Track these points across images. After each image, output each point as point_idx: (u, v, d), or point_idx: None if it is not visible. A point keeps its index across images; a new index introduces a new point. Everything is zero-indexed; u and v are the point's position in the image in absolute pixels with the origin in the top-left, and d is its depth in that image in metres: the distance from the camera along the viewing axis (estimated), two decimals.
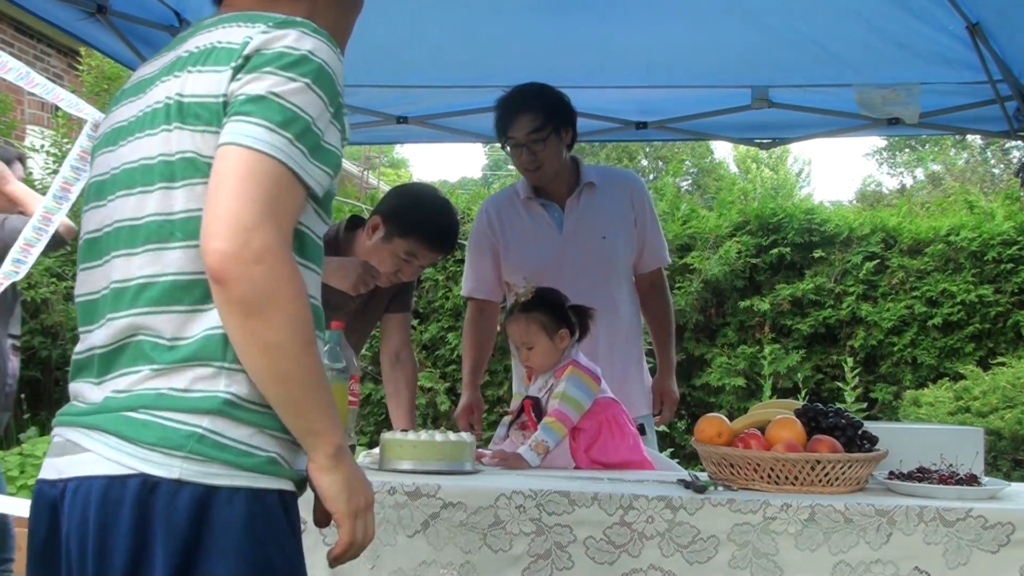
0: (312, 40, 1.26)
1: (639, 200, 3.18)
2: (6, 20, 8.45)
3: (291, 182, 1.21)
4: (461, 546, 2.00)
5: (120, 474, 1.19)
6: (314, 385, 1.22)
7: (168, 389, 1.22)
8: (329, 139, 1.27)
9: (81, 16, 2.86)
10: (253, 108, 1.20)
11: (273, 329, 1.17)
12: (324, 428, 1.24)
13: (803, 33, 3.17)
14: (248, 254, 1.14)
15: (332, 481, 1.26)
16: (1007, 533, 1.91)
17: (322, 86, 1.25)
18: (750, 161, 22.53)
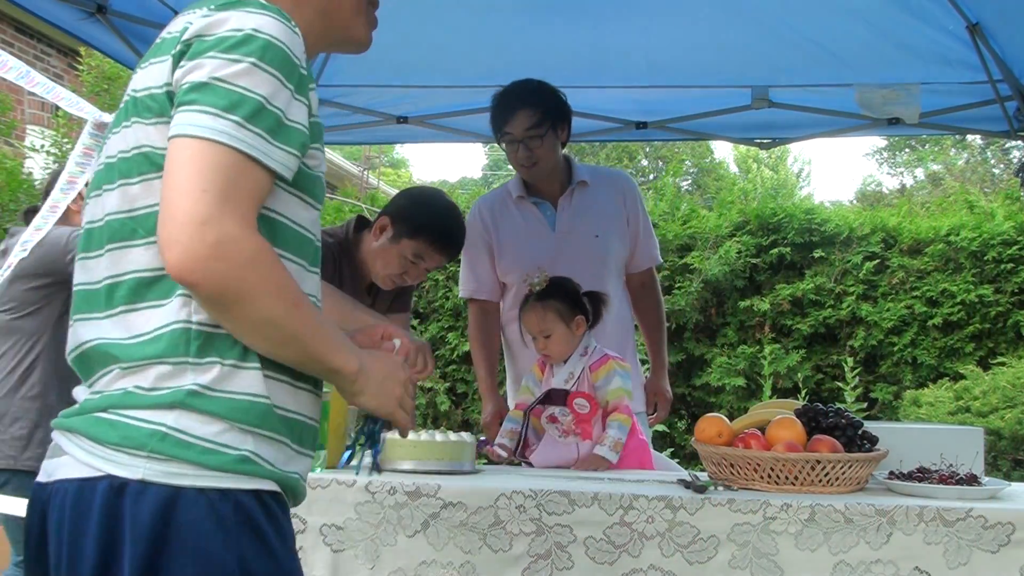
0: (257, 17, 1.20)
1: (631, 199, 3.18)
2: (6, 20, 8.45)
3: (245, 167, 1.15)
4: (461, 546, 2.00)
5: (90, 476, 1.17)
6: (316, 333, 1.22)
7: (134, 387, 1.19)
8: (293, 116, 1.22)
9: (81, 16, 2.87)
10: (196, 96, 1.16)
11: (256, 310, 1.15)
12: (338, 363, 1.25)
13: (803, 33, 3.18)
14: (204, 251, 1.10)
15: (365, 400, 1.31)
16: (1007, 533, 1.91)
17: (273, 62, 1.19)
18: (750, 161, 22.53)
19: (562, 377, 2.63)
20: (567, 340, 2.63)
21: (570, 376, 2.62)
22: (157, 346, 1.19)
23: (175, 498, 1.15)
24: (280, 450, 1.25)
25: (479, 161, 39.90)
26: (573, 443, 2.59)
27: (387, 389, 1.34)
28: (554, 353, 2.64)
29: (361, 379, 1.29)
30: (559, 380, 2.63)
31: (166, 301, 1.20)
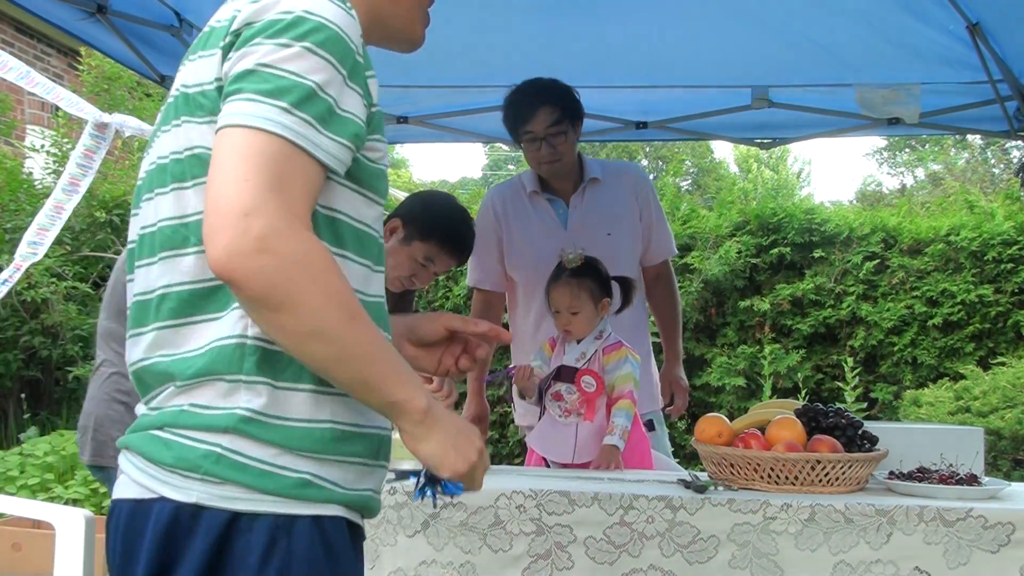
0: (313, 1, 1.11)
1: (643, 192, 3.17)
2: (6, 20, 8.46)
3: (293, 155, 1.05)
4: (461, 546, 2.00)
5: (144, 498, 1.12)
6: (373, 355, 1.08)
7: (189, 405, 1.12)
8: (346, 105, 1.11)
9: (81, 16, 2.86)
10: (241, 84, 1.07)
11: (304, 317, 1.02)
12: (401, 396, 1.10)
13: (803, 33, 3.17)
14: (249, 244, 0.99)
15: (430, 450, 1.14)
16: (1007, 533, 1.91)
17: (325, 46, 1.09)
18: (751, 161, 22.52)
19: (573, 356, 2.65)
20: (591, 320, 2.66)
21: (581, 356, 2.64)
22: (211, 362, 1.11)
23: (229, 523, 1.09)
24: (349, 470, 1.17)
25: (479, 161, 39.89)
26: (573, 424, 2.60)
27: (460, 446, 1.16)
28: (576, 331, 2.66)
29: (429, 421, 1.13)
30: (570, 358, 2.65)
31: (222, 314, 1.12)
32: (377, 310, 1.22)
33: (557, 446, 2.60)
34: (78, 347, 6.65)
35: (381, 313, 1.24)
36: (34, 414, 6.64)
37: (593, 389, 2.58)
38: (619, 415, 2.56)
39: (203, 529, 1.08)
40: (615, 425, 2.55)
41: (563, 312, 2.65)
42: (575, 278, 2.65)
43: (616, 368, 2.62)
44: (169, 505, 1.09)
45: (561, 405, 2.63)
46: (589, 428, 2.57)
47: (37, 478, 5.15)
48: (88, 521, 2.61)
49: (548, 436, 2.64)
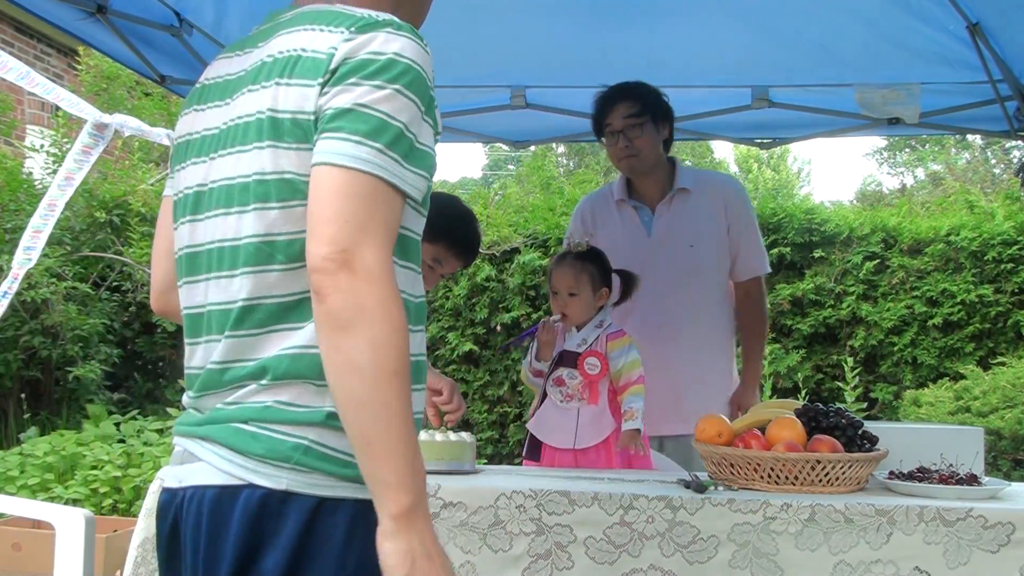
0: (398, 40, 1.22)
1: (734, 207, 3.11)
2: (6, 20, 8.46)
3: (386, 193, 1.17)
4: (461, 546, 2.00)
5: (231, 484, 1.21)
6: (394, 423, 1.13)
7: (274, 402, 1.22)
8: (423, 139, 1.23)
9: (81, 16, 2.86)
10: (341, 123, 1.18)
11: (357, 349, 1.12)
12: (393, 480, 1.12)
13: (803, 33, 3.17)
14: (345, 271, 1.12)
15: (393, 550, 1.13)
16: (1007, 533, 1.91)
17: (412, 87, 1.21)
18: (751, 161, 22.53)
19: (574, 342, 2.68)
20: (588, 306, 2.69)
21: (583, 342, 2.67)
22: (296, 366, 1.22)
23: (315, 508, 1.19)
24: None
25: (479, 161, 39.88)
26: (575, 409, 2.63)
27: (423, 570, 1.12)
28: (572, 314, 2.68)
29: (404, 521, 1.12)
30: (571, 344, 2.68)
31: (304, 324, 1.22)
32: (421, 310, 1.33)
33: (558, 432, 2.63)
34: (78, 347, 6.65)
35: (423, 313, 1.34)
36: (34, 414, 6.63)
37: (597, 371, 2.61)
38: (634, 399, 2.60)
39: (293, 513, 1.19)
40: (634, 410, 2.58)
41: (562, 293, 2.68)
42: (579, 261, 2.70)
43: (621, 355, 2.64)
44: (259, 492, 1.19)
45: (562, 390, 2.66)
46: (590, 413, 2.60)
47: (37, 478, 5.15)
48: (88, 521, 2.61)
49: (549, 422, 2.66)
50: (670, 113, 3.06)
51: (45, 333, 6.64)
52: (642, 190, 3.13)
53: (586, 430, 2.60)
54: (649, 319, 2.99)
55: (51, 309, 6.54)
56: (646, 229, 3.09)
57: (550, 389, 2.68)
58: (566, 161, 22.81)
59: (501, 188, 15.29)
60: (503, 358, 6.87)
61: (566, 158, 22.96)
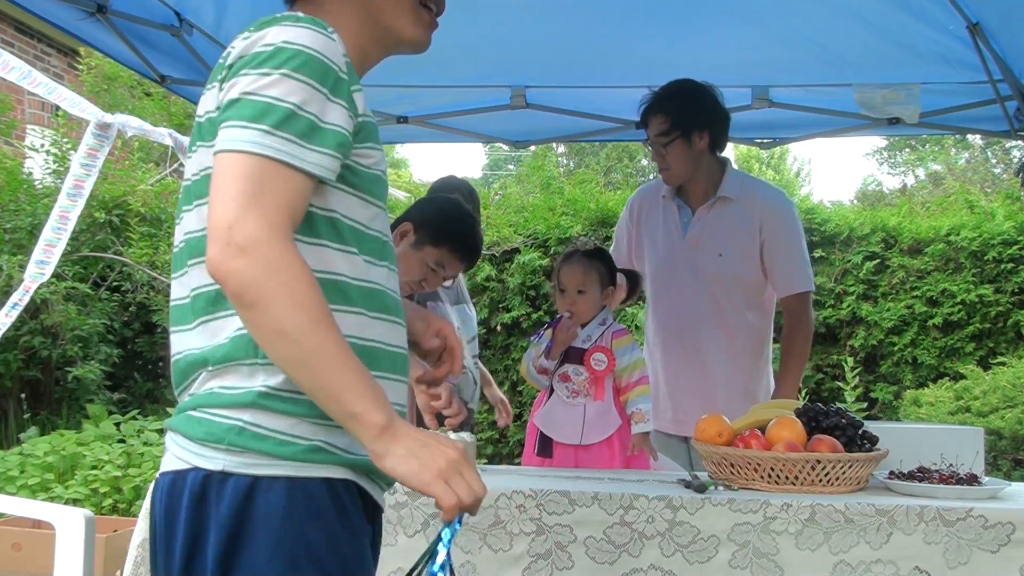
0: (289, 30, 1.26)
1: (771, 224, 3.02)
2: (6, 20, 8.46)
3: (275, 171, 1.20)
4: (461, 546, 2.00)
5: (181, 469, 1.27)
6: (335, 364, 1.18)
7: (218, 387, 1.27)
8: (330, 119, 1.25)
9: (81, 16, 2.86)
10: (229, 113, 1.23)
11: (272, 317, 1.16)
12: (360, 408, 1.18)
13: (803, 33, 3.17)
14: (231, 250, 1.15)
15: (393, 464, 1.19)
16: (1007, 533, 1.91)
17: (303, 70, 1.23)
18: (751, 161, 22.52)
19: (580, 338, 2.70)
20: (595, 304, 2.72)
21: (588, 338, 2.69)
22: (232, 349, 1.26)
23: (252, 487, 1.23)
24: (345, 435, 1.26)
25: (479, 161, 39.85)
26: (581, 405, 2.65)
27: (425, 456, 1.19)
28: (579, 311, 2.71)
29: (387, 437, 1.18)
30: (576, 341, 2.70)
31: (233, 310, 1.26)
32: (380, 297, 1.35)
33: (565, 428, 2.65)
34: (78, 347, 6.65)
35: (386, 301, 1.36)
36: (34, 414, 6.63)
37: (603, 366, 2.63)
38: (641, 401, 2.63)
39: (229, 493, 1.23)
40: (644, 412, 2.61)
41: (570, 291, 2.70)
42: (587, 259, 2.73)
43: (626, 353, 2.67)
44: (201, 473, 1.25)
45: (569, 386, 2.67)
46: (596, 408, 2.62)
47: (37, 478, 5.15)
48: (88, 521, 2.61)
49: (556, 418, 2.67)
50: (710, 117, 3.01)
51: (45, 333, 6.64)
52: (688, 190, 3.12)
53: (592, 425, 2.62)
54: (675, 319, 3.02)
55: (51, 309, 6.53)
56: (683, 229, 3.08)
57: (556, 385, 2.70)
58: (566, 161, 22.81)
59: (501, 188, 15.28)
60: (503, 358, 6.87)
61: (566, 158, 22.96)
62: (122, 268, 7.06)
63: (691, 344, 2.99)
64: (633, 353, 2.66)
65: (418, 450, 1.19)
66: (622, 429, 2.63)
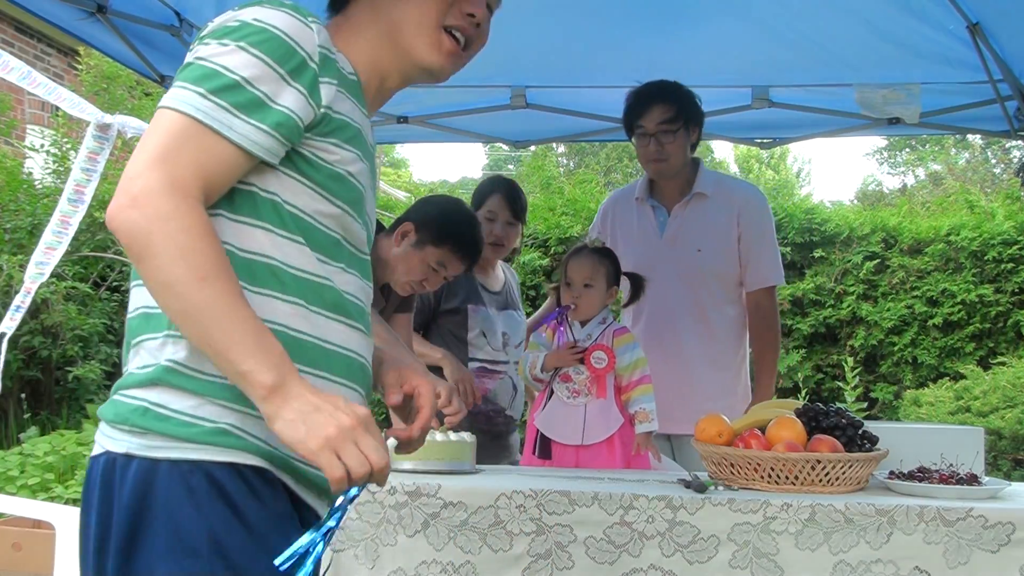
0: (262, 10, 1.24)
1: (748, 215, 3.08)
2: (6, 20, 8.46)
3: (197, 133, 1.17)
4: (461, 546, 2.00)
5: (96, 453, 1.25)
6: (223, 319, 1.13)
7: (135, 368, 1.24)
8: (281, 100, 1.21)
9: (81, 16, 2.86)
10: (177, 75, 1.22)
11: (158, 269, 1.13)
12: (248, 367, 1.12)
13: (803, 33, 3.17)
14: (126, 200, 1.13)
15: (281, 428, 1.13)
16: (1007, 533, 1.91)
17: (261, 46, 1.21)
18: (751, 161, 22.52)
19: (580, 337, 2.69)
20: (599, 301, 2.71)
21: (588, 337, 2.69)
22: (144, 322, 1.24)
23: (153, 470, 1.18)
24: (256, 421, 1.20)
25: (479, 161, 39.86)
26: (581, 405, 2.64)
27: (314, 421, 1.12)
28: (583, 306, 2.70)
29: (276, 398, 1.13)
30: (579, 337, 2.69)
31: None
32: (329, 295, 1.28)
33: (566, 428, 2.64)
34: (78, 347, 6.64)
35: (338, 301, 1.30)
36: (34, 414, 6.63)
37: (604, 365, 2.63)
38: (644, 400, 2.62)
39: (131, 476, 1.19)
40: (647, 411, 2.61)
41: (576, 283, 2.70)
42: (596, 255, 2.73)
43: (627, 351, 2.66)
44: (110, 456, 1.22)
45: (569, 386, 2.67)
46: (598, 407, 2.62)
47: (37, 478, 5.15)
48: None
49: (556, 418, 2.66)
50: (701, 116, 3.07)
51: (45, 333, 6.63)
52: (663, 191, 3.14)
53: (593, 425, 2.61)
54: (655, 318, 3.03)
55: (51, 309, 6.53)
56: (659, 230, 3.11)
57: (556, 386, 2.69)
58: (566, 161, 22.81)
59: None
60: None
61: (566, 158, 22.96)
62: (122, 268, 7.06)
63: (672, 342, 3.00)
64: (634, 351, 2.66)
65: (309, 414, 1.12)
66: (623, 429, 2.63)
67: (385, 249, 2.74)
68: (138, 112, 7.07)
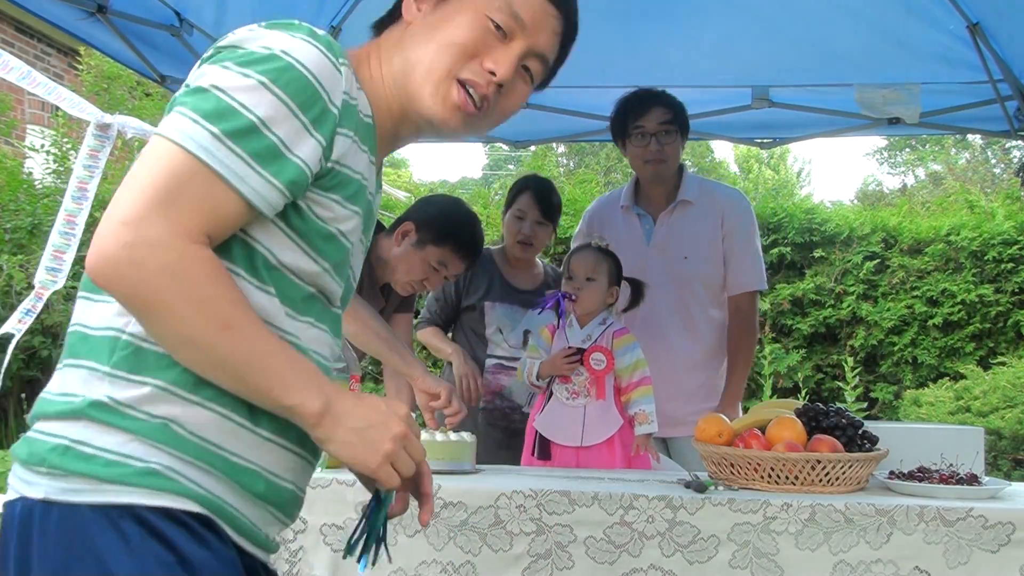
0: (293, 40, 1.10)
1: (732, 219, 3.10)
2: (6, 20, 8.46)
3: (205, 179, 1.03)
4: (461, 546, 2.00)
5: (10, 499, 1.10)
6: (254, 363, 1.05)
7: (56, 393, 1.10)
8: (300, 151, 1.09)
9: (81, 16, 2.86)
10: (187, 99, 1.06)
11: (175, 327, 1.03)
12: (290, 401, 1.07)
13: (803, 33, 3.17)
14: (116, 251, 0.99)
15: (336, 450, 1.10)
16: (1007, 533, 1.91)
17: (288, 87, 1.07)
18: (751, 161, 22.53)
19: (579, 339, 2.69)
20: (600, 298, 2.71)
21: (588, 338, 2.69)
22: (81, 343, 1.10)
23: (78, 518, 1.04)
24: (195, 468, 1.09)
25: (479, 161, 39.91)
26: (581, 406, 2.64)
27: (370, 439, 1.10)
28: (583, 302, 2.70)
29: (327, 423, 1.08)
30: (575, 341, 2.70)
31: (92, 295, 1.12)
32: None
33: (565, 430, 2.64)
34: None
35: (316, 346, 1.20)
36: None
37: (603, 366, 2.63)
38: (644, 402, 2.62)
39: (54, 525, 1.05)
40: (647, 413, 2.61)
41: (578, 277, 2.70)
42: (599, 252, 2.73)
43: (627, 352, 2.66)
44: (28, 503, 1.07)
45: (568, 388, 2.66)
46: (597, 408, 2.61)
47: None
48: None
49: (556, 420, 2.66)
50: (688, 127, 3.10)
51: (45, 333, 6.64)
52: (648, 198, 3.16)
53: (593, 426, 2.61)
54: (644, 324, 3.02)
55: (51, 309, 6.53)
56: (646, 237, 3.13)
57: (556, 388, 2.68)
58: (566, 161, 22.82)
59: (501, 188, 15.28)
60: None
61: (566, 158, 22.97)
62: None
63: (661, 347, 2.99)
64: (634, 353, 2.66)
65: (363, 432, 1.09)
66: (623, 430, 2.63)
67: (385, 249, 2.75)
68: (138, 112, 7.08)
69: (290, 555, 2.01)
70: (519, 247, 3.14)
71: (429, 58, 1.22)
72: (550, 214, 3.18)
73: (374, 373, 6.31)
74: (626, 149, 3.11)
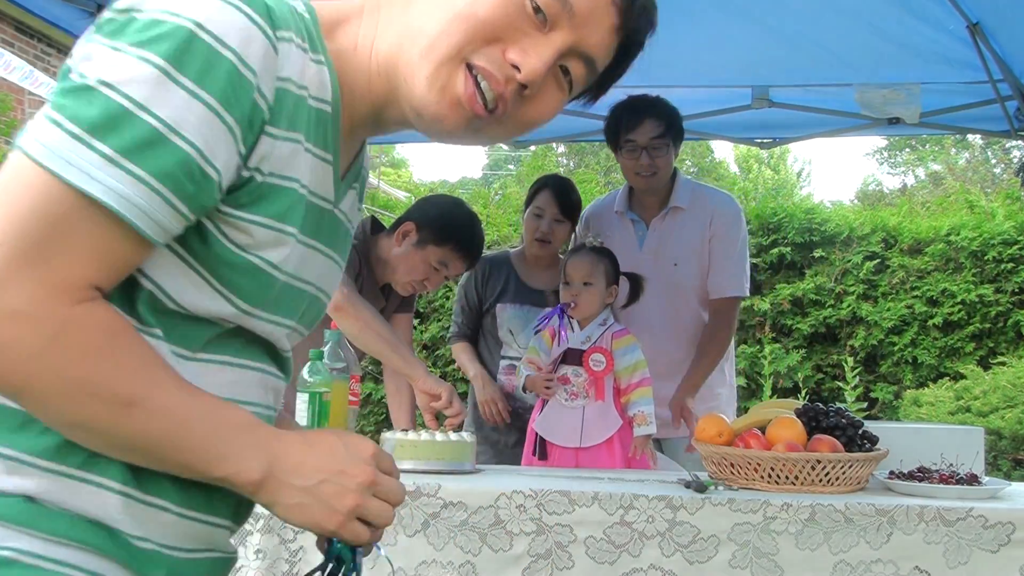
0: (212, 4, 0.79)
1: (718, 223, 3.08)
2: (6, 20, 8.46)
3: (90, 217, 0.76)
4: (461, 546, 2.00)
5: None
6: (171, 437, 0.82)
7: None
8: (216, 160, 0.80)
9: (81, 16, 2.87)
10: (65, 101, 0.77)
11: (55, 415, 0.79)
12: (225, 471, 0.85)
13: (803, 33, 3.18)
14: None
15: (287, 511, 0.88)
16: (1007, 533, 1.91)
17: (207, 79, 0.78)
18: (751, 161, 22.54)
19: (578, 340, 2.69)
20: (598, 300, 2.70)
21: (587, 339, 2.68)
22: None
23: None
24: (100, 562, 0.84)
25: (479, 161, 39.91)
26: (580, 407, 2.64)
27: (326, 496, 0.87)
28: (582, 305, 2.69)
29: (271, 486, 0.86)
30: (575, 342, 2.69)
31: None
32: None
33: (564, 431, 2.64)
34: None
35: None
36: None
37: (602, 367, 2.62)
38: (643, 403, 2.61)
39: None
40: (646, 414, 2.60)
41: (575, 282, 2.69)
42: (595, 253, 2.72)
43: (626, 353, 2.66)
44: None
45: (568, 389, 2.66)
46: (596, 409, 2.61)
47: None
48: None
49: (554, 421, 2.67)
50: (683, 133, 3.09)
51: None
52: (642, 204, 3.16)
53: (592, 427, 2.61)
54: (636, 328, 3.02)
55: None
56: (639, 243, 3.13)
57: (556, 388, 2.68)
58: (566, 161, 22.83)
59: (501, 188, 15.30)
60: None
61: (566, 158, 22.98)
62: None
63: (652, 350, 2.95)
64: (634, 354, 2.66)
65: (315, 489, 0.87)
66: (623, 430, 2.63)
67: (386, 249, 2.75)
68: None
69: (290, 555, 2.01)
70: (537, 245, 3.15)
71: (434, 28, 0.89)
72: (568, 212, 3.17)
73: (374, 373, 6.31)
74: (619, 157, 3.11)
